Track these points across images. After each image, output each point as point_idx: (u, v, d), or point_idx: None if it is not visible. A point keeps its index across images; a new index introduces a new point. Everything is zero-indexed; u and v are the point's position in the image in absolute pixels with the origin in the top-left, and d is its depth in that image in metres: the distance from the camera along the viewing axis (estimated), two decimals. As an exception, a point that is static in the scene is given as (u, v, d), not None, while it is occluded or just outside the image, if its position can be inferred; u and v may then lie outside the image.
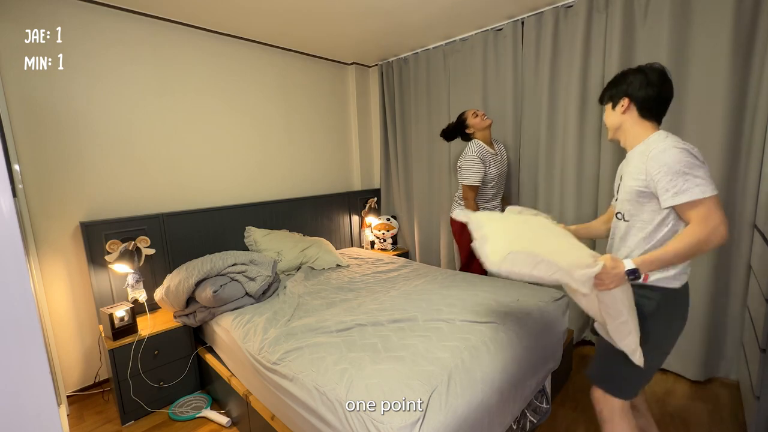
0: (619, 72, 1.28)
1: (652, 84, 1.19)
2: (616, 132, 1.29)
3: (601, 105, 1.34)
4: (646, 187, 1.12)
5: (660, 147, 1.10)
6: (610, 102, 1.29)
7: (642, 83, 1.19)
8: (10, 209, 0.53)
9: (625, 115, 1.23)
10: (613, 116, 1.27)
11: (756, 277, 1.75)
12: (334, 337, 1.60)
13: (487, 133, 2.39)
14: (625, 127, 1.25)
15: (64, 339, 2.10)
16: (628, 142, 1.26)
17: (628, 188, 1.18)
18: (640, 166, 1.14)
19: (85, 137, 2.09)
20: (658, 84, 1.19)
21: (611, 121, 1.29)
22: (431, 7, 2.31)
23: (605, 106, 1.32)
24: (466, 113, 2.43)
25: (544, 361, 1.68)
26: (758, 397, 1.46)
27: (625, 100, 1.23)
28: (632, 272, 1.05)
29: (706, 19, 1.84)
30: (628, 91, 1.22)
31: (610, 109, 1.28)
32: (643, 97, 1.20)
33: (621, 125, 1.26)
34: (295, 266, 2.69)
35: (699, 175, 1.04)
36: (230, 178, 2.73)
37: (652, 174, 1.10)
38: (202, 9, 2.23)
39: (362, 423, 1.13)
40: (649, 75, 1.19)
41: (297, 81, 3.10)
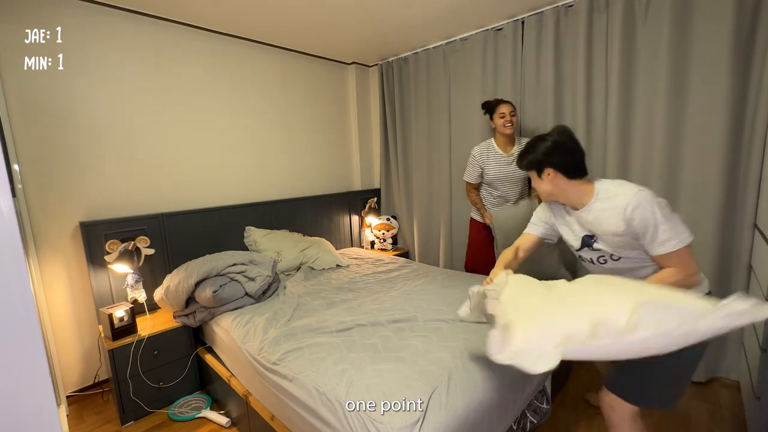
0: (530, 141, 1.33)
1: (568, 149, 1.26)
2: (554, 197, 1.33)
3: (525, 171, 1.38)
4: (633, 238, 1.17)
5: (634, 202, 1.14)
6: (533, 171, 1.33)
7: (560, 152, 1.25)
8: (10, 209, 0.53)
9: (555, 183, 1.28)
10: (543, 185, 1.32)
11: (756, 277, 1.75)
12: (334, 338, 1.59)
13: (504, 136, 2.32)
14: (562, 191, 1.29)
15: (64, 339, 2.10)
16: (571, 201, 1.30)
17: (615, 243, 1.21)
18: (619, 223, 1.17)
19: (85, 137, 2.09)
20: (572, 147, 1.26)
21: (542, 189, 1.33)
22: (431, 6, 2.31)
23: (529, 172, 1.35)
24: (498, 107, 2.29)
25: (545, 361, 1.68)
26: (759, 397, 1.46)
27: (549, 170, 1.28)
28: None
29: (707, 19, 1.84)
30: (550, 162, 1.27)
31: (537, 177, 1.33)
32: (567, 163, 1.26)
33: (555, 191, 1.30)
34: (295, 266, 2.68)
35: (675, 223, 1.12)
36: (230, 177, 2.73)
37: (634, 228, 1.14)
38: (202, 9, 2.23)
39: (362, 423, 1.13)
40: (563, 142, 1.26)
41: (297, 81, 3.10)
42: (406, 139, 3.35)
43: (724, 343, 2.03)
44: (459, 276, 2.38)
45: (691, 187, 1.98)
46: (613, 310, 0.96)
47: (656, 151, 2.04)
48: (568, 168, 1.26)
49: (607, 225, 1.20)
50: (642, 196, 1.13)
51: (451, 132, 2.96)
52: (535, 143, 1.31)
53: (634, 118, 2.11)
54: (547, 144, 1.27)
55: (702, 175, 1.94)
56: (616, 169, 2.17)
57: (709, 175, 1.91)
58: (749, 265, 1.89)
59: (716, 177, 1.89)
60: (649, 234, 1.13)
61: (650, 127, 2.06)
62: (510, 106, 2.27)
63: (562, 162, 1.26)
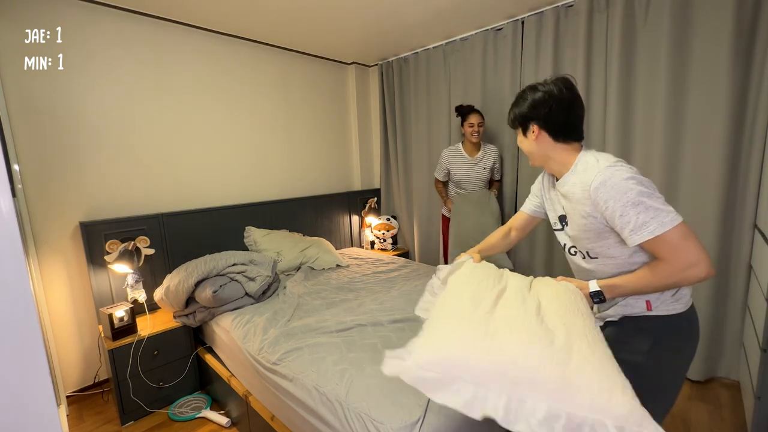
0: (521, 91, 1.13)
1: (560, 105, 1.03)
2: (535, 159, 1.14)
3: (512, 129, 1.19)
4: (602, 223, 0.97)
5: (599, 178, 0.93)
6: (519, 128, 1.14)
7: (547, 105, 1.04)
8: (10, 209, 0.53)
9: (539, 143, 1.09)
10: (526, 144, 1.13)
11: (756, 277, 1.75)
12: (334, 338, 1.59)
13: (471, 142, 2.56)
14: (544, 154, 1.10)
15: (64, 339, 2.10)
16: (554, 169, 1.10)
17: (582, 226, 1.02)
18: (585, 201, 0.98)
19: (85, 137, 2.09)
20: (568, 102, 1.03)
21: (525, 148, 1.15)
22: (431, 6, 2.31)
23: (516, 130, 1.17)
24: (469, 116, 2.49)
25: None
26: (759, 397, 1.46)
27: (533, 126, 1.08)
28: (596, 294, 1.01)
29: (707, 19, 1.84)
30: (534, 115, 1.07)
31: (521, 136, 1.14)
32: (556, 121, 1.05)
33: (537, 153, 1.11)
34: (294, 266, 2.68)
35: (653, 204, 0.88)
36: (230, 177, 2.73)
37: (602, 210, 0.94)
38: (202, 9, 2.23)
39: (362, 423, 1.13)
40: (557, 95, 1.03)
41: (297, 81, 3.10)
42: (406, 139, 3.35)
43: (723, 343, 2.03)
44: (459, 276, 2.38)
45: (691, 187, 1.98)
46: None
47: (656, 151, 2.04)
48: (557, 127, 1.05)
49: (575, 203, 1.02)
50: (611, 171, 0.92)
51: (451, 132, 2.96)
52: (524, 93, 1.10)
53: (633, 118, 2.11)
54: (537, 95, 1.06)
55: (702, 175, 1.94)
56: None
57: (709, 175, 1.91)
58: (749, 265, 1.89)
59: (716, 177, 1.89)
60: (617, 218, 0.91)
61: (650, 127, 2.06)
62: (479, 117, 2.50)
63: (550, 118, 1.05)
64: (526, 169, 2.61)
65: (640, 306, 1.03)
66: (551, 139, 1.07)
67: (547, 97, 1.05)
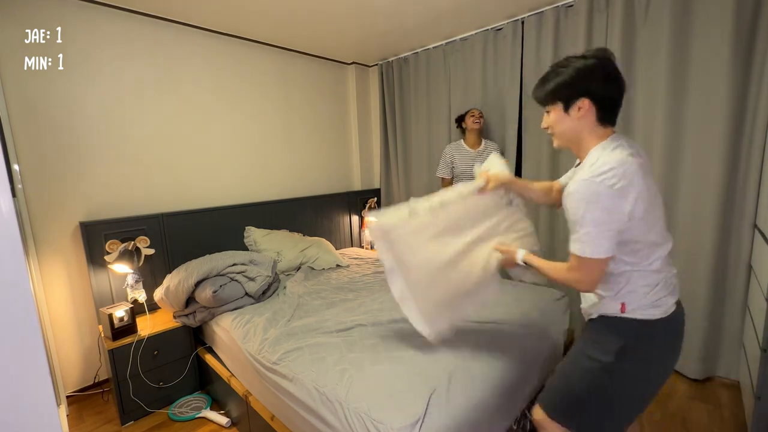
0: (561, 61, 1.00)
1: (612, 78, 0.94)
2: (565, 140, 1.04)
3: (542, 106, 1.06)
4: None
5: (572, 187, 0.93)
6: (558, 103, 1.00)
7: (600, 76, 0.93)
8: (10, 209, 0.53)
9: (583, 121, 0.97)
10: (567, 122, 1.00)
11: (756, 277, 1.75)
12: (334, 338, 1.59)
13: (473, 133, 2.60)
14: (578, 135, 1.00)
15: (64, 339, 2.10)
16: (582, 152, 1.02)
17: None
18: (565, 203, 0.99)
19: (85, 137, 2.09)
20: (617, 77, 0.94)
21: (564, 127, 1.01)
22: (431, 6, 2.31)
23: (548, 107, 1.04)
24: (468, 111, 2.61)
25: (545, 361, 1.68)
26: (758, 397, 1.46)
27: (584, 101, 0.95)
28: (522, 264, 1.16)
29: (707, 19, 1.84)
30: (587, 89, 0.94)
31: (561, 112, 1.00)
32: (606, 97, 0.95)
33: (572, 133, 1.01)
34: (295, 266, 2.68)
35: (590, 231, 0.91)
36: (230, 177, 2.73)
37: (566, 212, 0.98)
38: (202, 9, 2.23)
39: (362, 423, 1.13)
40: (608, 66, 0.94)
41: (297, 81, 3.10)
42: (406, 139, 3.35)
43: (723, 342, 2.03)
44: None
45: (691, 186, 1.98)
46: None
47: (656, 151, 2.04)
48: (609, 103, 0.95)
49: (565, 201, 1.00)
50: (585, 185, 0.90)
51: (451, 132, 2.96)
52: (567, 62, 0.97)
53: (633, 117, 2.11)
54: (588, 62, 0.93)
55: (702, 175, 1.94)
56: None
57: (709, 175, 1.91)
58: (749, 265, 1.89)
59: (716, 177, 1.89)
60: (571, 226, 0.96)
61: (650, 127, 2.06)
62: (478, 111, 2.60)
63: (604, 92, 0.94)
64: (528, 164, 2.61)
65: (615, 307, 1.01)
66: (595, 118, 0.97)
67: (599, 65, 0.93)
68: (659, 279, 0.99)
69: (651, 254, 0.98)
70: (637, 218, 0.92)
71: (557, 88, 0.99)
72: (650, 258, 0.98)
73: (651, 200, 0.93)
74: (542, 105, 1.06)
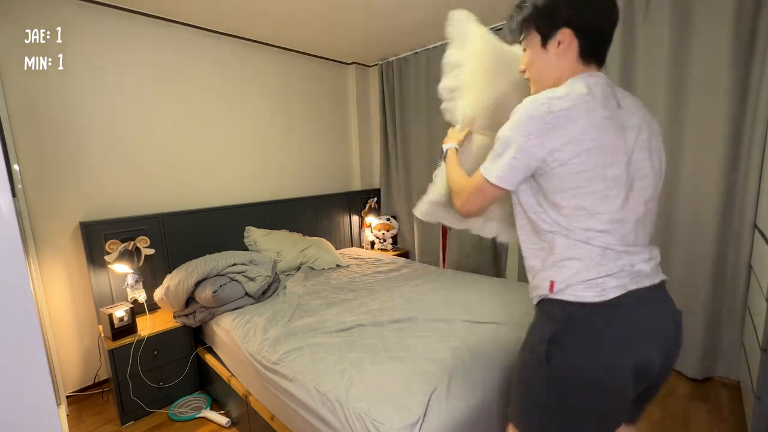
0: None
1: (603, 6, 0.79)
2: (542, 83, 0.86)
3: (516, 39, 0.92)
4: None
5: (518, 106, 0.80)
6: (534, 35, 0.84)
7: (590, 5, 0.79)
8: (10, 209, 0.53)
9: (562, 59, 0.82)
10: (544, 60, 0.84)
11: (756, 277, 1.75)
12: (334, 338, 1.59)
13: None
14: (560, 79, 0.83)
15: (64, 339, 2.10)
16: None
17: None
18: None
19: (85, 137, 2.09)
20: (610, 5, 0.80)
21: (540, 67, 0.85)
22: (431, 6, 2.31)
23: (523, 43, 0.88)
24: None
25: (545, 361, 1.68)
26: (758, 397, 1.46)
27: (564, 32, 0.80)
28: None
29: (707, 19, 1.84)
30: (570, 17, 0.79)
31: (538, 47, 0.84)
32: (593, 29, 0.80)
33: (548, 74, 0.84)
34: (295, 266, 2.68)
35: (501, 153, 0.80)
36: (230, 177, 2.73)
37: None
38: (202, 9, 2.23)
39: (362, 423, 1.13)
40: None
41: (297, 81, 3.10)
42: (406, 140, 3.35)
43: (723, 342, 2.03)
44: (459, 276, 2.38)
45: (691, 186, 1.98)
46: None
47: (656, 151, 2.04)
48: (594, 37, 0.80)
49: None
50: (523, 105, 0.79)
51: (451, 132, 2.96)
52: None
53: (634, 118, 2.11)
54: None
55: (702, 175, 1.94)
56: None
57: (709, 175, 1.91)
58: (749, 265, 1.89)
59: (716, 177, 1.89)
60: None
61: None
62: None
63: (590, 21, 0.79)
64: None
65: (545, 287, 0.84)
66: (577, 54, 0.81)
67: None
68: (594, 254, 0.79)
69: (579, 220, 0.79)
70: (562, 166, 0.75)
71: (534, 14, 0.82)
72: (578, 223, 0.79)
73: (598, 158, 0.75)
74: (517, 39, 0.90)
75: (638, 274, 0.80)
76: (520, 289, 2.04)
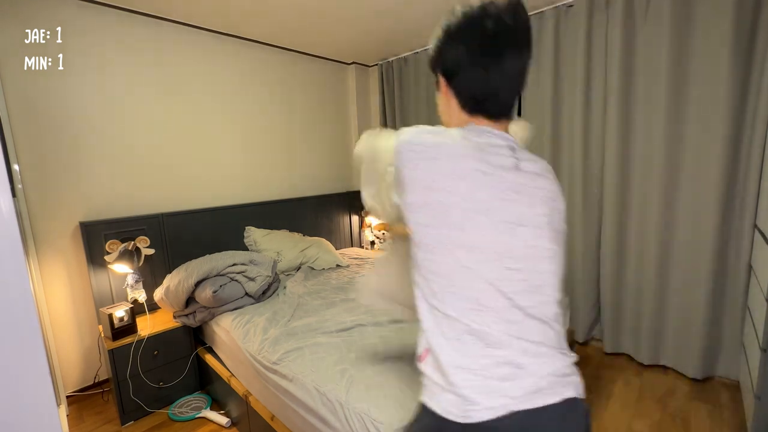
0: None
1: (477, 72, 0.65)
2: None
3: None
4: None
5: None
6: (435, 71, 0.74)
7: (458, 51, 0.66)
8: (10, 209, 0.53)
9: (448, 102, 0.72)
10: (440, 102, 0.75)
11: (756, 277, 1.75)
12: (335, 338, 1.59)
13: None
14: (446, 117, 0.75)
15: (64, 339, 2.10)
16: None
17: None
18: None
19: (85, 137, 2.09)
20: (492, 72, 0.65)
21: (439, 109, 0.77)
22: (432, 6, 2.31)
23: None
24: None
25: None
26: (759, 396, 1.46)
27: (441, 78, 0.71)
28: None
29: (707, 19, 1.84)
30: (441, 64, 0.70)
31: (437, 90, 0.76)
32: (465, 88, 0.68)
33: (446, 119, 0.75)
34: (295, 266, 2.68)
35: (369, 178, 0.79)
36: (230, 177, 2.73)
37: None
38: (203, 9, 2.23)
39: (362, 423, 1.13)
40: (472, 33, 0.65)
41: (297, 81, 3.10)
42: (406, 139, 3.35)
43: (723, 342, 2.03)
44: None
45: (691, 186, 1.98)
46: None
47: (656, 151, 2.04)
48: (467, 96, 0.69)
49: None
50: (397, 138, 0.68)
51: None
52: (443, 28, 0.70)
53: (633, 118, 2.11)
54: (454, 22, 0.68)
55: (702, 175, 1.94)
56: (615, 169, 2.17)
57: (709, 175, 1.91)
58: (749, 265, 1.89)
59: (716, 177, 1.89)
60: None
61: (650, 127, 2.06)
62: None
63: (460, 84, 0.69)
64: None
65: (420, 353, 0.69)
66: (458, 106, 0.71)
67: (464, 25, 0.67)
68: (462, 332, 0.61)
69: (439, 287, 0.63)
70: (414, 214, 0.64)
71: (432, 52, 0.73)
72: (438, 289, 0.63)
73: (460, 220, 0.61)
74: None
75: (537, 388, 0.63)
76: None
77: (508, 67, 0.65)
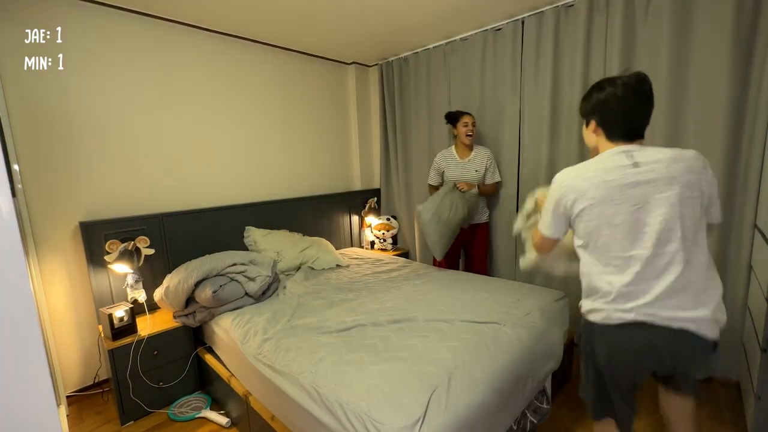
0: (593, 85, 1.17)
1: (619, 100, 1.07)
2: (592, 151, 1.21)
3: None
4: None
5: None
6: (584, 119, 1.20)
7: (604, 101, 1.10)
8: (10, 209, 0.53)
9: (597, 137, 1.15)
10: (587, 137, 1.19)
11: (756, 277, 1.75)
12: (334, 338, 1.59)
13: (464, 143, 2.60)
14: (597, 147, 1.17)
15: (64, 339, 2.10)
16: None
17: None
18: None
19: (85, 137, 2.09)
20: (624, 100, 1.07)
21: (587, 141, 1.20)
22: (431, 6, 2.31)
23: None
24: (462, 117, 2.56)
25: (545, 361, 1.68)
26: (759, 397, 1.46)
27: (592, 121, 1.14)
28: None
29: (707, 19, 1.84)
30: (594, 110, 1.13)
31: (585, 128, 1.20)
32: (608, 120, 1.11)
33: (593, 144, 1.18)
34: (294, 266, 2.68)
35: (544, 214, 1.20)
36: (230, 177, 2.73)
37: None
38: (202, 9, 2.23)
39: (362, 423, 1.13)
40: (615, 90, 1.07)
41: (297, 81, 3.10)
42: (406, 139, 3.35)
43: (723, 342, 2.02)
44: (459, 276, 2.38)
45: (691, 187, 1.98)
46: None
47: (656, 151, 2.04)
48: (610, 128, 1.12)
49: None
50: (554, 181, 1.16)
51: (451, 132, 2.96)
52: (593, 88, 1.15)
53: (634, 118, 2.11)
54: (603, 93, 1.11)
55: (702, 175, 1.94)
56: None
57: (709, 175, 1.91)
58: (749, 265, 1.89)
59: (716, 177, 1.88)
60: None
61: (650, 127, 2.04)
62: (472, 118, 2.56)
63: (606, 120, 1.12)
64: (527, 167, 2.61)
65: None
66: (605, 136, 1.14)
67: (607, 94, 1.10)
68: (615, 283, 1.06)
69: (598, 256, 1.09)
70: (577, 218, 1.09)
71: (581, 104, 1.21)
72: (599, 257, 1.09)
73: (601, 220, 1.05)
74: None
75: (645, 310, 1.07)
76: (520, 289, 2.04)
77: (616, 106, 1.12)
